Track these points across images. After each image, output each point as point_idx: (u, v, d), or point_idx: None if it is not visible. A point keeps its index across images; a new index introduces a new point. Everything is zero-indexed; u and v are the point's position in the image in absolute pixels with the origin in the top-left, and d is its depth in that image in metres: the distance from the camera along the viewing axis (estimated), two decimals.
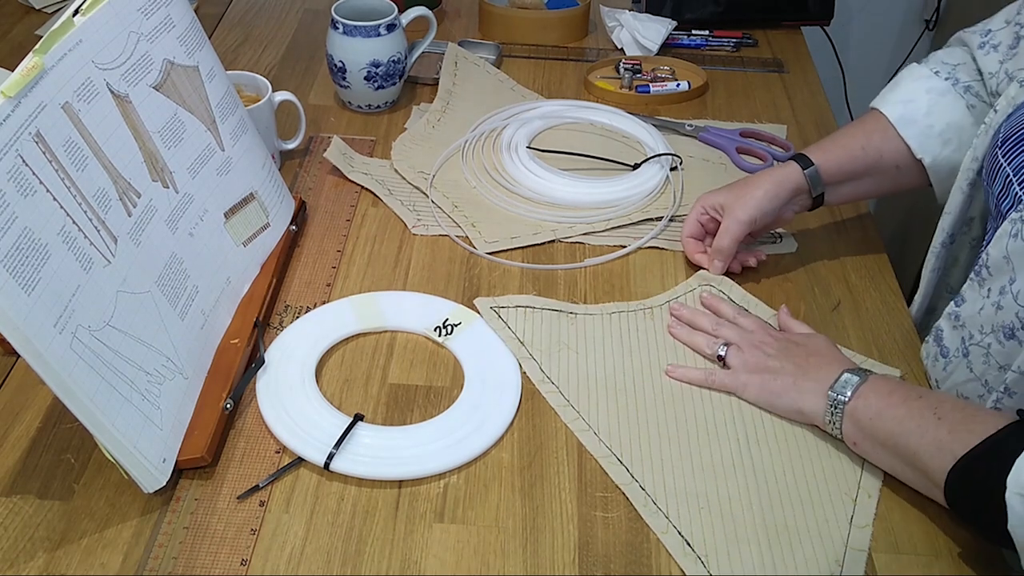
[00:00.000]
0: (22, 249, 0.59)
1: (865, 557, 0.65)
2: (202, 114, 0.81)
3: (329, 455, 0.70)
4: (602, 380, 0.78)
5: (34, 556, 0.64)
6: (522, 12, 1.29)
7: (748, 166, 1.05)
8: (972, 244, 0.84)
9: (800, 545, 0.66)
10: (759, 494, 0.69)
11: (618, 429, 0.74)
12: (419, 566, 0.65)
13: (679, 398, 0.77)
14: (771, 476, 0.71)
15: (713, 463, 0.72)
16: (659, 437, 0.73)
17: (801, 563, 0.65)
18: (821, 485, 0.70)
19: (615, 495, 0.69)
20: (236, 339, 0.79)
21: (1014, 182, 0.70)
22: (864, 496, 0.69)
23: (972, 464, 0.62)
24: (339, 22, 1.06)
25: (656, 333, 0.83)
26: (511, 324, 0.82)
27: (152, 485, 0.67)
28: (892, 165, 0.87)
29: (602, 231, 0.95)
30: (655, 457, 0.72)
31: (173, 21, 0.78)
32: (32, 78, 0.62)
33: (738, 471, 0.71)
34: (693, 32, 1.31)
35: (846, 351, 0.79)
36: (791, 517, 0.68)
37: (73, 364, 0.61)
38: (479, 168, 1.02)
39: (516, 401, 0.76)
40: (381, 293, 0.86)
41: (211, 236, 0.81)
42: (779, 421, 0.75)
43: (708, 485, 0.70)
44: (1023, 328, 0.67)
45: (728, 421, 0.75)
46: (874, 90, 0.94)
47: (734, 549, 0.66)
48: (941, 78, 0.86)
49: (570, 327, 0.83)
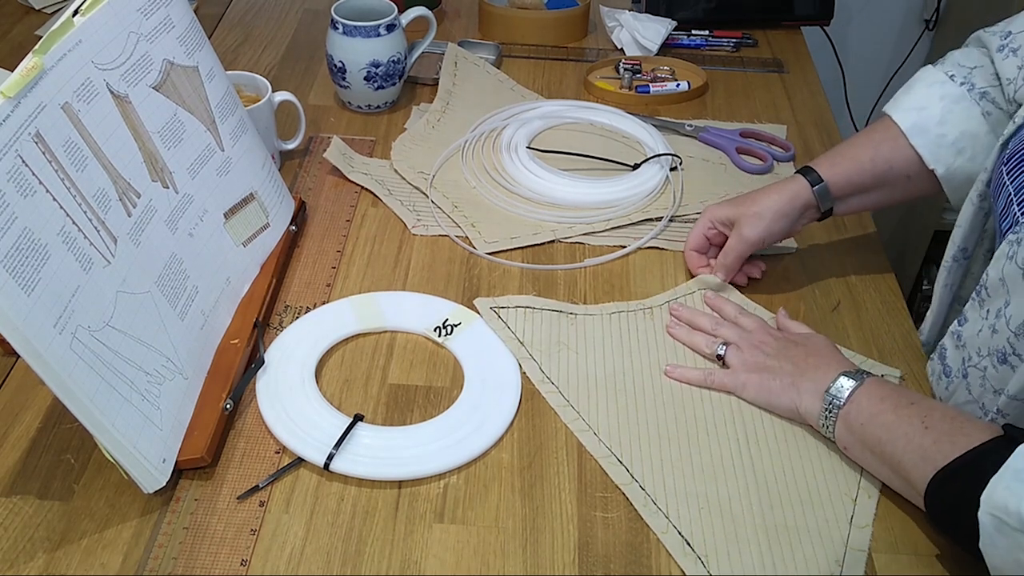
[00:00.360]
0: (22, 249, 0.59)
1: (865, 557, 0.65)
2: (202, 114, 0.81)
3: (329, 455, 0.70)
4: (602, 380, 0.78)
5: (34, 556, 0.64)
6: (522, 12, 1.29)
7: (748, 166, 1.04)
8: (986, 257, 0.80)
9: (800, 545, 0.66)
10: (759, 494, 0.69)
11: (618, 429, 0.74)
12: (419, 566, 0.65)
13: (679, 398, 0.77)
14: (771, 476, 0.71)
15: (713, 463, 0.72)
16: (659, 437, 0.73)
17: (801, 563, 0.65)
18: (821, 485, 0.70)
19: (615, 495, 0.69)
20: (236, 339, 0.79)
21: (1014, 202, 0.69)
22: (864, 496, 0.69)
23: (951, 477, 0.61)
24: (339, 22, 1.06)
25: (656, 333, 0.83)
26: (511, 324, 0.82)
27: (152, 485, 0.67)
28: (903, 175, 0.84)
29: (602, 231, 0.95)
30: (655, 457, 0.72)
31: (173, 21, 0.78)
32: (32, 78, 0.62)
33: (738, 471, 0.71)
34: (693, 32, 1.31)
35: (846, 351, 0.79)
36: (791, 517, 0.68)
37: (73, 364, 0.61)
38: (479, 168, 1.02)
39: (516, 401, 0.76)
40: (381, 293, 0.86)
41: (211, 236, 0.81)
42: (779, 421, 0.75)
43: (708, 485, 0.70)
44: (1015, 354, 0.66)
45: (728, 421, 0.75)
46: (874, 90, 0.94)
47: (734, 549, 0.66)
48: (956, 83, 0.82)
49: (570, 327, 0.83)
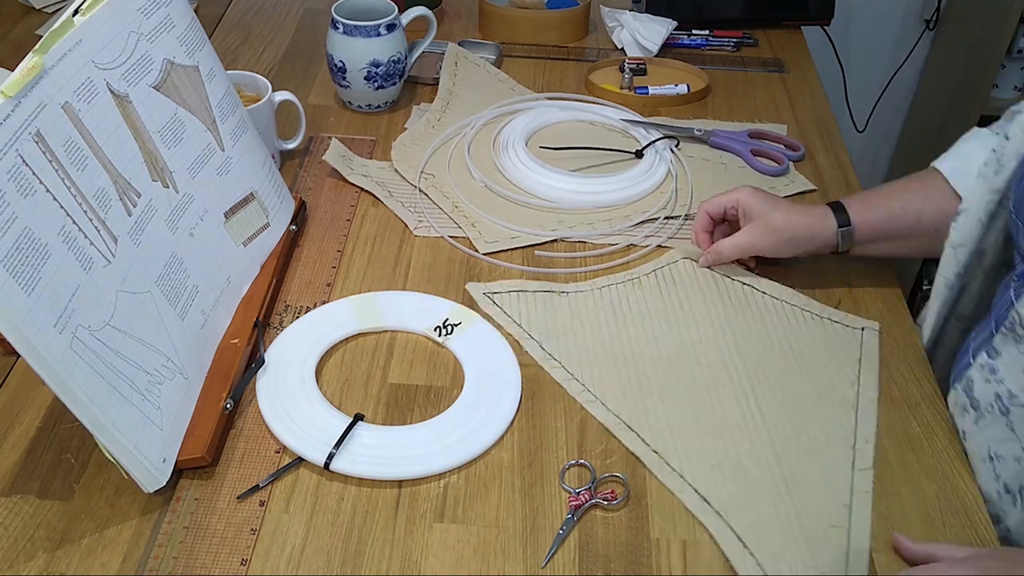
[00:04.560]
0: (22, 249, 0.59)
1: (870, 498, 0.69)
2: (202, 114, 0.81)
3: (329, 455, 0.70)
4: (601, 352, 0.80)
5: (34, 556, 0.64)
6: (522, 12, 1.29)
7: (765, 168, 1.04)
8: (985, 273, 0.80)
9: (810, 492, 0.69)
10: (766, 449, 0.72)
11: (623, 397, 0.76)
12: (419, 566, 0.64)
13: (678, 362, 0.79)
14: (775, 431, 0.73)
15: (719, 423, 0.74)
16: (663, 401, 0.76)
17: (812, 509, 0.68)
18: (821, 436, 0.73)
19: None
20: (236, 339, 0.79)
21: None
22: (862, 442, 0.73)
23: None
24: (339, 22, 1.06)
25: (646, 303, 0.85)
26: (506, 309, 0.84)
27: (152, 485, 0.67)
28: (931, 228, 0.82)
29: (602, 231, 0.95)
30: (663, 421, 0.74)
31: (173, 21, 0.78)
32: (32, 78, 0.62)
33: (744, 428, 0.73)
34: (693, 32, 1.31)
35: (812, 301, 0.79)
36: (798, 468, 0.71)
37: (73, 364, 0.61)
38: (479, 168, 1.02)
39: (516, 400, 0.76)
40: (381, 293, 0.86)
41: (211, 236, 0.81)
42: (776, 377, 0.78)
43: (717, 443, 0.72)
44: None
45: (727, 381, 0.77)
46: (874, 90, 0.95)
47: (749, 503, 0.68)
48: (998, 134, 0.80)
49: (564, 305, 0.85)
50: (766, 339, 0.82)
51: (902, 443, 0.74)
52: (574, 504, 0.68)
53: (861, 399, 0.76)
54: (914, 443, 0.74)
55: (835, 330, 0.83)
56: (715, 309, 0.85)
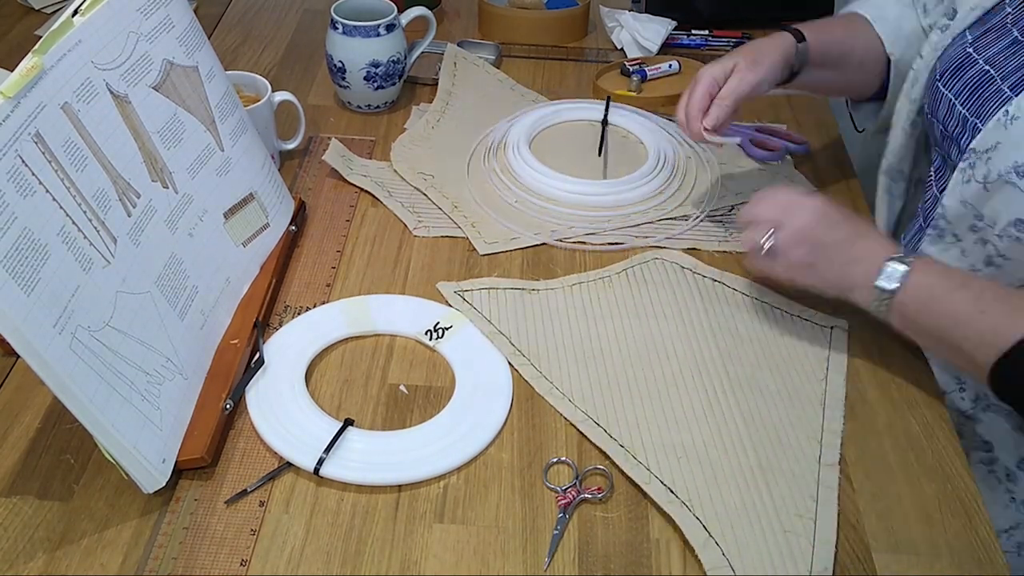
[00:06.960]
0: (21, 249, 0.59)
1: (836, 494, 0.69)
2: (202, 114, 0.81)
3: (319, 460, 0.70)
4: (571, 349, 0.81)
5: (34, 556, 0.64)
6: (522, 12, 1.29)
7: (761, 155, 1.04)
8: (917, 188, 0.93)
9: (776, 484, 0.70)
10: (731, 439, 0.73)
11: (591, 393, 0.77)
12: (419, 566, 0.65)
13: (645, 358, 0.80)
14: (739, 422, 0.74)
15: (685, 415, 0.75)
16: (631, 396, 0.77)
17: (779, 500, 0.69)
18: (788, 429, 0.74)
19: (615, 494, 0.69)
20: (236, 339, 0.79)
21: (956, 104, 0.79)
22: (829, 435, 0.74)
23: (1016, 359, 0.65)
24: (339, 22, 1.06)
25: (617, 300, 0.86)
26: (477, 306, 0.84)
27: (152, 485, 0.67)
28: (857, 61, 0.94)
29: (602, 232, 0.95)
30: (630, 415, 0.75)
31: (172, 21, 0.78)
32: (31, 78, 0.62)
33: (709, 420, 0.74)
34: (693, 32, 1.31)
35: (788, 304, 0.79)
36: (764, 459, 0.72)
37: (73, 365, 0.61)
38: (479, 168, 1.02)
39: (508, 403, 0.76)
40: (372, 297, 0.85)
41: (211, 236, 0.81)
42: (744, 371, 0.78)
43: (683, 435, 0.73)
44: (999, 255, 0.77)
45: (694, 375, 0.78)
46: None
47: (715, 492, 0.69)
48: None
49: (534, 302, 0.85)
50: (735, 334, 0.82)
51: (902, 443, 0.74)
52: (563, 503, 0.68)
53: (828, 397, 0.77)
54: (914, 443, 0.74)
55: (804, 328, 0.83)
56: (684, 305, 0.85)
